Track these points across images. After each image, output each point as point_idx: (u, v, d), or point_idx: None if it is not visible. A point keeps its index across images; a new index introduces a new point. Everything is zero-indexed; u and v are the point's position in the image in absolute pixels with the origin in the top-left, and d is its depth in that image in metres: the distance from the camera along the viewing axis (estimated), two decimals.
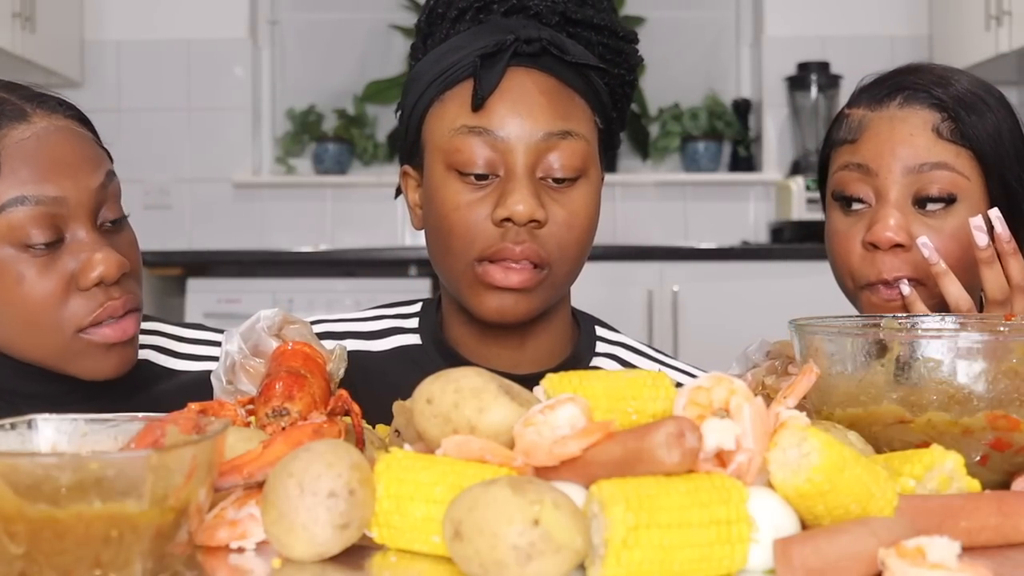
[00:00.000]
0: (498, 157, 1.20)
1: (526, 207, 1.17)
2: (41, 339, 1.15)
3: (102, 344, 1.16)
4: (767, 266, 3.63)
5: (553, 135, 1.20)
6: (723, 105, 4.31)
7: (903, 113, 1.31)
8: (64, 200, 1.14)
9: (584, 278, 1.34)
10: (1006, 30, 3.53)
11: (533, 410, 0.77)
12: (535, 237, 1.20)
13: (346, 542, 0.74)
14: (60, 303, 1.14)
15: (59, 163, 1.14)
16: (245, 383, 1.07)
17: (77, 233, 1.15)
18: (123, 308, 1.16)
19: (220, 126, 4.25)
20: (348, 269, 3.72)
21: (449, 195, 1.21)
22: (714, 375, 0.78)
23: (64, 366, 1.17)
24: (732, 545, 0.70)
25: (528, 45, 1.20)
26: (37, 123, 1.16)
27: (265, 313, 1.10)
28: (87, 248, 1.14)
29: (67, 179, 1.14)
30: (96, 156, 1.20)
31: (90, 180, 1.16)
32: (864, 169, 1.30)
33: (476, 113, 1.20)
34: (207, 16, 4.25)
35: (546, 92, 1.21)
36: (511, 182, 1.19)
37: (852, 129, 1.33)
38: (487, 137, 1.19)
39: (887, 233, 1.27)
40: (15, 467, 0.66)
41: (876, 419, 0.93)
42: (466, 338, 1.30)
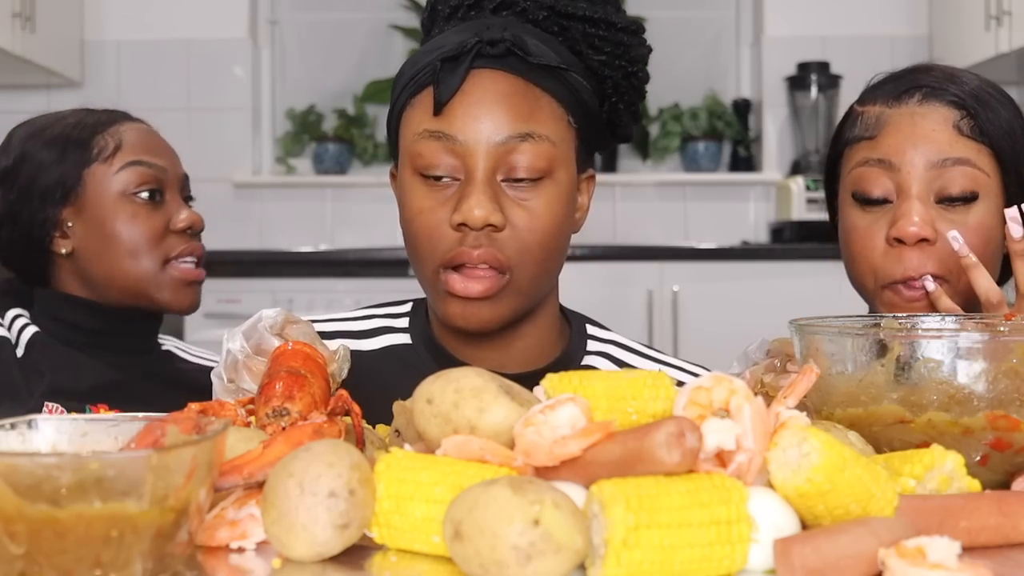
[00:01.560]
0: (458, 161, 1.19)
1: (481, 211, 1.16)
2: (142, 266, 1.56)
3: (183, 279, 1.58)
4: (767, 266, 3.63)
5: (514, 137, 1.18)
6: (723, 105, 4.31)
7: (923, 109, 1.31)
8: (164, 170, 1.60)
9: (584, 278, 1.35)
10: (1006, 30, 3.53)
11: (533, 410, 0.77)
12: (493, 241, 1.18)
13: (346, 542, 0.74)
14: (160, 238, 1.57)
15: (160, 146, 1.63)
16: (248, 381, 1.07)
17: (171, 197, 1.61)
18: (202, 252, 1.62)
19: (220, 126, 4.24)
20: (348, 269, 3.72)
21: (414, 199, 1.21)
22: (714, 375, 0.78)
23: (152, 292, 1.57)
24: (732, 545, 0.70)
25: (491, 47, 1.19)
26: (138, 122, 1.65)
27: (267, 312, 1.10)
28: (178, 207, 1.61)
29: (165, 158, 1.62)
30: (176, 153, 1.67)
31: (178, 165, 1.65)
32: (886, 164, 1.30)
33: (437, 117, 1.19)
34: (207, 16, 4.24)
35: (508, 94, 1.19)
36: (469, 186, 1.18)
37: (870, 126, 1.33)
38: (446, 142, 1.18)
39: (912, 228, 1.26)
40: (15, 467, 0.66)
41: (876, 419, 0.93)
42: (450, 339, 1.30)
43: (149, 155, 1.59)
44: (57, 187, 1.56)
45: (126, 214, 1.56)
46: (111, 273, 1.57)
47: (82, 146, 1.57)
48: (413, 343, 1.32)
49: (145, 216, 1.57)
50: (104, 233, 1.56)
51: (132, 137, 1.60)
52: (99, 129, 1.59)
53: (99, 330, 1.58)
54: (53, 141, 1.57)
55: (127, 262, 1.56)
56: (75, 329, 1.58)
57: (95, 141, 1.58)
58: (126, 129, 1.61)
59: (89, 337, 1.58)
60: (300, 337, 1.09)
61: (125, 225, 1.56)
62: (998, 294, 1.20)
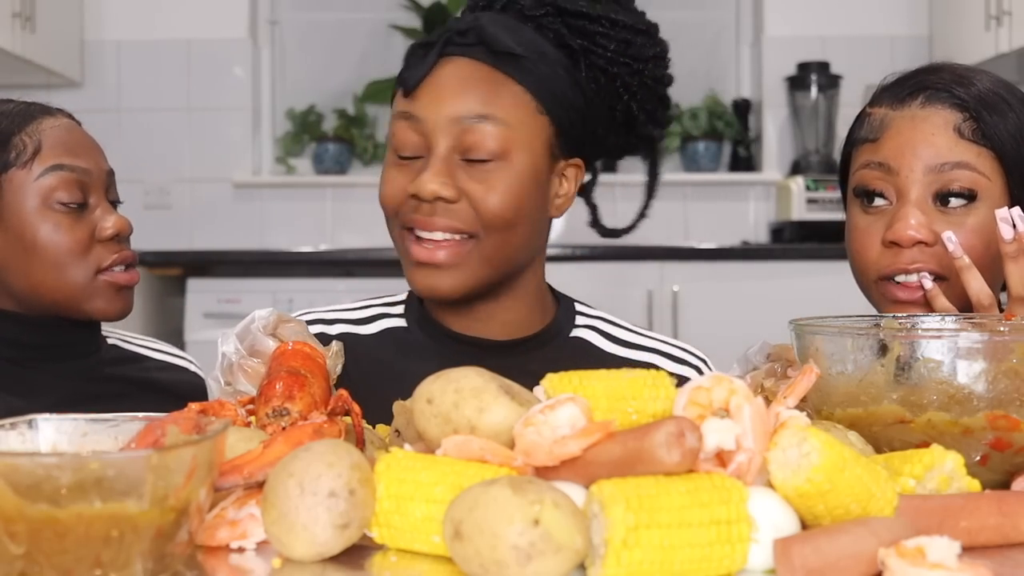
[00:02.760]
0: (421, 140, 1.27)
1: (432, 185, 1.24)
2: (69, 278, 1.43)
3: (114, 285, 1.45)
4: (767, 266, 3.63)
5: (469, 118, 1.25)
6: (723, 105, 4.31)
7: (924, 112, 1.31)
8: (88, 172, 1.46)
9: (584, 278, 1.37)
10: (1006, 30, 3.53)
11: (533, 410, 0.77)
12: (448, 211, 1.26)
13: (346, 542, 0.74)
14: (86, 249, 1.44)
15: (83, 146, 1.48)
16: (244, 383, 1.07)
17: (96, 201, 1.46)
18: (132, 259, 1.49)
19: (220, 126, 4.24)
20: (348, 269, 3.72)
21: (386, 173, 1.31)
22: (714, 375, 0.78)
23: (82, 303, 1.45)
24: (732, 545, 0.70)
25: (460, 36, 1.28)
26: (60, 117, 1.49)
27: (259, 313, 1.12)
28: (104, 212, 1.47)
29: (90, 158, 1.47)
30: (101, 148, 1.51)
31: (103, 163, 1.49)
32: (885, 168, 1.30)
33: (407, 99, 1.28)
34: (207, 16, 4.24)
35: (470, 78, 1.27)
36: (426, 161, 1.26)
37: (874, 128, 1.34)
38: (412, 121, 1.27)
39: (908, 231, 1.27)
40: (15, 467, 0.66)
41: (876, 419, 0.93)
42: (439, 311, 1.36)
43: (71, 157, 1.44)
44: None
45: (49, 224, 1.42)
46: (36, 286, 1.44)
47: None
48: (408, 326, 1.38)
49: (68, 226, 1.43)
50: (25, 245, 1.42)
51: (53, 136, 1.45)
52: (16, 128, 1.44)
53: (36, 344, 1.47)
54: None
55: (52, 275, 1.43)
56: (12, 346, 1.46)
57: (12, 143, 1.42)
58: (46, 127, 1.45)
59: (26, 351, 1.46)
60: (293, 336, 1.09)
61: (48, 236, 1.42)
62: (989, 296, 1.20)
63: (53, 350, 1.48)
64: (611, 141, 1.42)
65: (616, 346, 1.40)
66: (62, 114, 1.49)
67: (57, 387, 1.45)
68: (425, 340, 1.36)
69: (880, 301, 1.32)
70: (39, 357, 1.47)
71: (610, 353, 1.38)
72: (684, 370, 1.39)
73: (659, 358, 1.39)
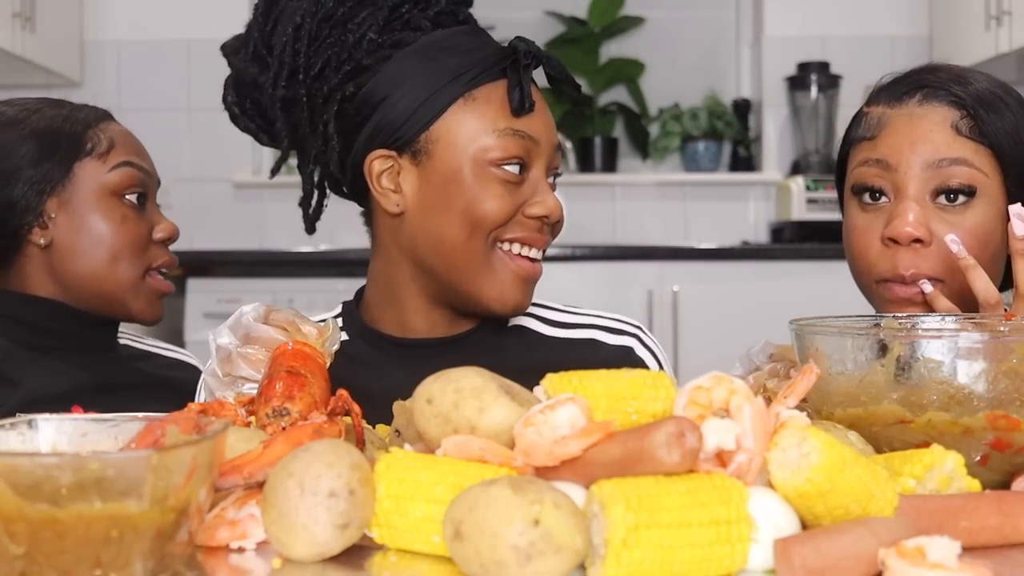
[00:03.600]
0: (529, 159, 1.30)
1: (557, 206, 1.31)
2: (122, 271, 1.52)
3: (158, 290, 1.55)
4: (767, 266, 3.63)
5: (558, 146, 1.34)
6: (723, 105, 4.31)
7: (922, 110, 1.31)
8: (150, 175, 1.58)
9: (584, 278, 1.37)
10: (1006, 30, 3.53)
11: (533, 410, 0.77)
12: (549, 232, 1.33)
13: (346, 542, 0.74)
14: (143, 246, 1.54)
15: (143, 151, 1.61)
16: (244, 368, 1.08)
17: (151, 205, 1.58)
18: (175, 264, 1.59)
19: (220, 126, 4.20)
20: (348, 269, 3.71)
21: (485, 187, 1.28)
22: (714, 375, 0.78)
23: (127, 300, 1.52)
24: (732, 545, 0.70)
25: (526, 57, 1.31)
26: (120, 125, 1.63)
27: (246, 308, 1.14)
28: (157, 214, 1.58)
29: (150, 163, 1.60)
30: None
31: (154, 170, 1.61)
32: (883, 164, 1.30)
33: (518, 117, 1.29)
34: (207, 16, 4.24)
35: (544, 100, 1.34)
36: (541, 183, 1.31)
37: (871, 126, 1.34)
38: (525, 140, 1.30)
39: (906, 228, 1.26)
40: (15, 467, 0.66)
41: (876, 419, 0.93)
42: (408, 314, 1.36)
43: (139, 158, 1.57)
44: (44, 176, 1.50)
45: (115, 215, 1.52)
46: (90, 273, 1.51)
47: (75, 139, 1.53)
48: (350, 338, 1.38)
49: (133, 220, 1.53)
50: (88, 230, 1.51)
51: (123, 138, 1.58)
52: (92, 124, 1.56)
53: (64, 332, 1.52)
54: (41, 132, 1.52)
55: (108, 265, 1.51)
56: (39, 332, 1.51)
57: (88, 135, 1.53)
58: (115, 128, 1.59)
59: (53, 340, 1.51)
60: (288, 317, 1.10)
61: (112, 226, 1.51)
62: (996, 295, 1.20)
63: (74, 341, 1.52)
64: None
65: (554, 328, 1.41)
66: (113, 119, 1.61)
67: (74, 377, 1.48)
68: (368, 351, 1.35)
69: (880, 302, 1.31)
70: (60, 347, 1.50)
71: (551, 336, 1.39)
72: (624, 340, 1.40)
73: (598, 332, 1.40)
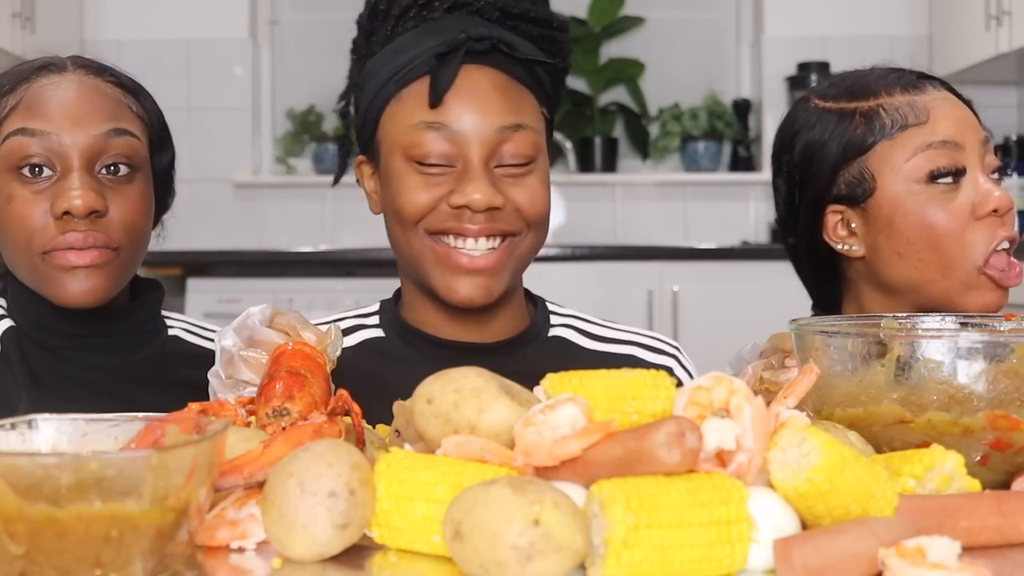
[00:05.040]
0: (455, 150, 1.26)
1: (483, 196, 1.24)
2: (20, 256, 1.30)
3: (64, 266, 1.27)
4: (767, 266, 3.63)
5: (506, 128, 1.26)
6: (723, 105, 4.31)
7: (944, 94, 1.37)
8: (58, 139, 1.28)
9: (584, 278, 1.37)
10: (1006, 30, 3.53)
11: (533, 410, 0.77)
12: (494, 218, 1.26)
13: (346, 542, 0.74)
14: (34, 224, 1.28)
15: (66, 108, 1.30)
16: (245, 372, 1.08)
17: (71, 173, 1.28)
18: (86, 242, 1.27)
19: (220, 126, 4.24)
20: (348, 269, 3.72)
21: (405, 181, 1.28)
22: (714, 375, 0.78)
23: (39, 287, 1.31)
24: (732, 545, 0.70)
25: (479, 43, 1.27)
26: (67, 76, 1.33)
27: (253, 310, 1.13)
28: (72, 186, 1.27)
29: (68, 122, 1.29)
30: (110, 111, 1.33)
31: (93, 128, 1.30)
32: (952, 145, 1.33)
33: (434, 110, 1.26)
34: (207, 16, 4.24)
35: (498, 88, 1.28)
36: (467, 172, 1.25)
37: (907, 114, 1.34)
38: (445, 131, 1.26)
39: (1001, 196, 1.32)
40: (15, 467, 0.66)
41: (876, 419, 0.93)
42: (433, 317, 1.35)
43: (40, 120, 1.29)
44: None
45: (4, 196, 1.29)
46: (6, 262, 1.34)
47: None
48: (387, 335, 1.38)
49: (20, 199, 1.28)
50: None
51: (32, 96, 1.31)
52: (7, 88, 1.32)
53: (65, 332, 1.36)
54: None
55: (9, 252, 1.32)
56: (42, 329, 1.36)
57: (2, 103, 1.31)
58: (38, 86, 1.31)
59: (58, 339, 1.36)
60: (291, 322, 1.10)
61: (4, 209, 1.29)
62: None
63: (84, 340, 1.37)
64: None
65: (594, 342, 1.41)
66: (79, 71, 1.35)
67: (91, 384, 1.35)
68: (406, 349, 1.35)
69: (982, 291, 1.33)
70: (72, 347, 1.37)
71: (590, 349, 1.39)
72: (664, 359, 1.41)
73: (638, 349, 1.41)
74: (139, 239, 1.34)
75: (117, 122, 1.33)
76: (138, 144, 1.35)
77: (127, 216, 1.31)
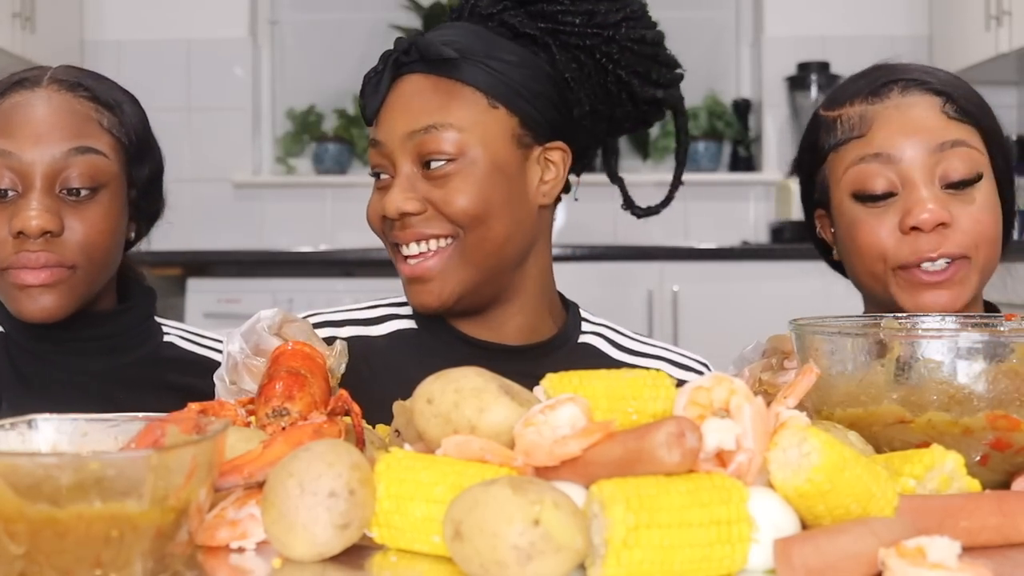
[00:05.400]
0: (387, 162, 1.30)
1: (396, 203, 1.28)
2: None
3: (19, 284, 1.30)
4: (767, 266, 3.63)
5: (419, 132, 1.27)
6: (723, 105, 4.31)
7: (908, 100, 1.31)
8: (18, 157, 1.29)
9: (584, 278, 1.37)
10: (1006, 30, 3.53)
11: (533, 410, 0.77)
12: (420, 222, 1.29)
13: (346, 542, 0.74)
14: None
15: (29, 125, 1.30)
16: (248, 382, 1.07)
17: (30, 192, 1.29)
18: (38, 262, 1.29)
19: (220, 126, 4.25)
20: (348, 269, 3.72)
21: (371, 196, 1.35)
22: (714, 375, 0.78)
23: (4, 300, 1.34)
24: (732, 545, 0.70)
25: (405, 55, 1.31)
26: (39, 92, 1.33)
27: (265, 313, 1.11)
28: (29, 206, 1.28)
29: (30, 141, 1.30)
30: (75, 128, 1.32)
31: (54, 147, 1.30)
32: (884, 157, 1.28)
33: (373, 127, 1.33)
34: (207, 16, 4.24)
35: (416, 93, 1.30)
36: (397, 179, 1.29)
37: (855, 125, 1.32)
38: (378, 147, 1.31)
39: (925, 215, 1.25)
40: (15, 467, 0.66)
41: (876, 419, 0.93)
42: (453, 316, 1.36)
43: (6, 140, 1.30)
44: None
45: None
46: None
47: None
48: (418, 327, 1.39)
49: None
50: None
51: (2, 114, 1.32)
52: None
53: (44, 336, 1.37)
54: None
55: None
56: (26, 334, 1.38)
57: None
58: (9, 103, 1.33)
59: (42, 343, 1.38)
60: (298, 334, 1.09)
61: None
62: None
63: (67, 344, 1.38)
64: (618, 114, 1.41)
65: (623, 353, 1.40)
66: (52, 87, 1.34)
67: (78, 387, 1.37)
68: (436, 343, 1.36)
69: (904, 289, 1.29)
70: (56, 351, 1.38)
71: (618, 360, 1.39)
72: (691, 376, 1.40)
73: (666, 365, 1.40)
74: (100, 257, 1.35)
75: (81, 139, 1.33)
76: (103, 161, 1.34)
77: (86, 236, 1.32)
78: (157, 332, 1.49)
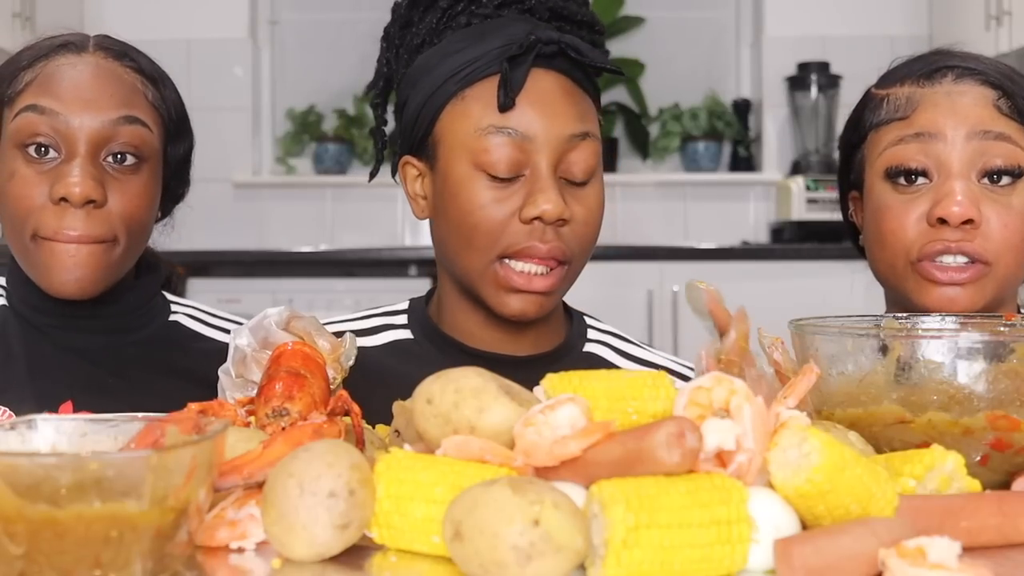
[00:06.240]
0: (524, 157, 1.21)
1: (555, 207, 1.20)
2: (14, 235, 1.28)
3: (54, 254, 1.25)
4: (767, 266, 3.63)
5: (575, 136, 1.23)
6: (723, 105, 4.31)
7: (960, 87, 1.27)
8: (65, 120, 1.26)
9: (584, 278, 1.36)
10: (1006, 30, 3.53)
11: (533, 410, 0.77)
12: (560, 235, 1.23)
13: (346, 542, 0.74)
14: (31, 206, 1.25)
15: (78, 90, 1.27)
16: (256, 373, 1.07)
17: (74, 158, 1.26)
18: (80, 231, 1.25)
19: (220, 126, 4.24)
20: (348, 269, 3.72)
21: (475, 193, 1.23)
22: (714, 375, 0.78)
23: (28, 270, 1.29)
24: (732, 545, 0.70)
25: (547, 46, 1.22)
26: (85, 57, 1.31)
27: (272, 311, 1.11)
28: (73, 172, 1.25)
29: (78, 105, 1.26)
30: (123, 97, 1.30)
31: (103, 114, 1.27)
32: (924, 137, 1.24)
33: (503, 114, 1.21)
34: (207, 16, 4.24)
35: (567, 93, 1.24)
36: (538, 182, 1.21)
37: (900, 106, 1.28)
38: (515, 137, 1.21)
39: (954, 208, 1.21)
40: (15, 467, 0.66)
41: (876, 419, 0.93)
42: (471, 325, 1.32)
43: (51, 99, 1.27)
44: None
45: (5, 173, 1.27)
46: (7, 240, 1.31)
47: (4, 83, 1.30)
48: (415, 337, 1.35)
49: (22, 178, 1.26)
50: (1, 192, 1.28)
51: (48, 74, 1.29)
52: (26, 63, 1.30)
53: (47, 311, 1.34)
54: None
55: (7, 229, 1.29)
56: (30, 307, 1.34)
57: (19, 77, 1.29)
58: (55, 65, 1.29)
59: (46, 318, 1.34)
60: (306, 328, 1.09)
61: (5, 185, 1.27)
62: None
63: (69, 320, 1.34)
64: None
65: (628, 362, 1.38)
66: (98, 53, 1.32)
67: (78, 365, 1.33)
68: (435, 353, 1.32)
69: (918, 285, 1.25)
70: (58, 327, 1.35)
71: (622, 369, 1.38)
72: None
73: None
74: (138, 231, 1.32)
75: (129, 109, 1.30)
76: (148, 134, 1.31)
77: (127, 208, 1.29)
78: (162, 312, 1.45)
